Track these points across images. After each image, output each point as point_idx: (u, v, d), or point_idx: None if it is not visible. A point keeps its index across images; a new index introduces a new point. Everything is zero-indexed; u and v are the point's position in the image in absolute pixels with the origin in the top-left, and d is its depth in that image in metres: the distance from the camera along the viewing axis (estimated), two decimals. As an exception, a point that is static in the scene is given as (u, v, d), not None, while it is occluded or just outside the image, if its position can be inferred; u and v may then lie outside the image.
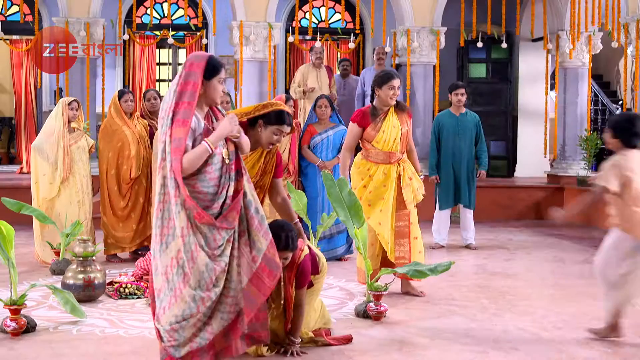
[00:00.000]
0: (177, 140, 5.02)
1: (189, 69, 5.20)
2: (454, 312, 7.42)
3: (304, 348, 6.03)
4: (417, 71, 14.96)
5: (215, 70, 5.26)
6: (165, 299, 5.17)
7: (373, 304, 7.04)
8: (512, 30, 17.12)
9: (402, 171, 7.94)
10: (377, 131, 7.86)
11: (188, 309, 5.10)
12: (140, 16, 17.93)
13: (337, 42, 18.28)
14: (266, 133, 5.93)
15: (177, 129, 5.03)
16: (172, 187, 5.05)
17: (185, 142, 5.03)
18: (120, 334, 6.53)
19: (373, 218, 7.84)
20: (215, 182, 5.18)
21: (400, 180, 7.92)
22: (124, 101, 9.81)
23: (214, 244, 5.12)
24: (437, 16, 15.02)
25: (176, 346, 5.17)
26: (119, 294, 7.73)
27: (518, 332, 6.78)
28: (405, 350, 6.19)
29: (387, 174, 7.90)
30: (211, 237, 5.12)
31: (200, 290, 5.09)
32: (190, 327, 5.13)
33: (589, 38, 15.57)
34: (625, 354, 6.17)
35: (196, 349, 5.18)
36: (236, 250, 5.27)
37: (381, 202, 7.87)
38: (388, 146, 7.89)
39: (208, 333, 5.19)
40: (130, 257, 9.85)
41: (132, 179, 9.65)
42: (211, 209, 5.14)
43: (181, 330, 5.13)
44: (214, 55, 5.41)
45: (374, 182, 7.90)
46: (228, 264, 5.21)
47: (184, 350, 5.17)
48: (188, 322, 5.11)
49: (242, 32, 14.39)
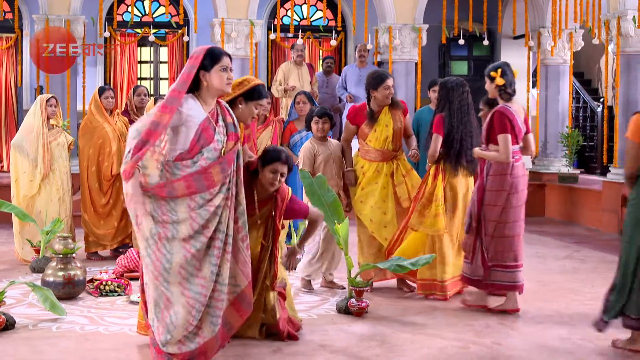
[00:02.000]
0: (155, 124, 5.00)
1: (189, 62, 5.25)
2: (435, 307, 7.42)
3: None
4: (399, 68, 14.93)
5: (214, 59, 5.28)
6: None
7: (354, 300, 7.04)
8: (494, 28, 17.14)
9: (396, 168, 7.96)
10: (370, 129, 7.91)
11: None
12: (121, 14, 17.82)
13: (318, 39, 18.25)
14: (247, 109, 5.97)
15: (159, 113, 5.03)
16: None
17: (163, 128, 5.02)
18: (100, 331, 6.50)
19: (364, 215, 7.88)
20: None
21: (394, 177, 7.93)
22: (105, 98, 9.76)
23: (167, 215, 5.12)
24: (419, 13, 15.01)
25: (163, 341, 5.15)
26: (100, 291, 7.70)
27: (500, 327, 6.79)
28: (386, 345, 6.19)
29: (380, 171, 7.94)
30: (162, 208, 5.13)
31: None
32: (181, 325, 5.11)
33: (570, 35, 15.60)
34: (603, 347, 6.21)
35: (186, 352, 5.17)
36: (229, 254, 5.28)
37: (372, 199, 7.90)
38: (380, 144, 7.92)
39: (198, 337, 5.19)
40: (111, 254, 9.78)
41: (113, 175, 9.59)
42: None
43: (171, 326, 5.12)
44: (216, 46, 5.43)
45: (366, 179, 7.95)
46: (219, 266, 5.20)
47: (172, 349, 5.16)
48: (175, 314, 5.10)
49: (224, 29, 14.34)
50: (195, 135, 5.15)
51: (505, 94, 7.20)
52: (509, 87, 7.20)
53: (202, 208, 5.12)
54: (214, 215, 5.19)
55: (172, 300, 5.11)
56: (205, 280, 5.15)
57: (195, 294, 5.12)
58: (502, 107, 7.17)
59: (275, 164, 6.11)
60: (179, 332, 5.11)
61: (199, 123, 5.17)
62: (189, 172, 5.12)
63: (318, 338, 6.35)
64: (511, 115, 7.11)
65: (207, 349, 5.24)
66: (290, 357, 5.88)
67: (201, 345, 5.21)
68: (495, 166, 7.16)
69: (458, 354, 6.00)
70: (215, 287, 5.22)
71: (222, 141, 5.28)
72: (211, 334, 5.22)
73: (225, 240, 5.24)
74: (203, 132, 5.17)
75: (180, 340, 5.15)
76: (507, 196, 7.13)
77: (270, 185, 6.13)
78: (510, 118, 7.10)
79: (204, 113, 5.23)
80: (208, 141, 5.20)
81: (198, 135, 5.16)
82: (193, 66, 5.21)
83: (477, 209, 7.19)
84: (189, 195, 5.11)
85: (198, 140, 5.16)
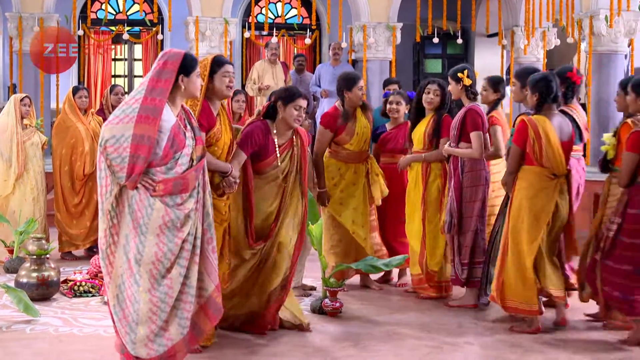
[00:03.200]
0: (141, 137, 4.97)
1: (162, 67, 5.17)
2: (409, 307, 7.46)
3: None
4: (373, 67, 14.99)
5: (193, 66, 5.29)
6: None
7: (329, 300, 7.06)
8: (468, 26, 17.20)
9: (370, 168, 8.01)
10: (352, 135, 7.90)
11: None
12: (95, 11, 17.78)
13: (293, 37, 18.27)
14: (219, 81, 5.99)
15: (144, 126, 4.98)
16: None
17: (151, 141, 4.98)
18: (74, 332, 6.48)
19: (346, 216, 7.90)
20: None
21: (369, 178, 7.98)
22: (79, 97, 9.71)
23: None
24: (393, 12, 15.06)
25: (129, 342, 5.14)
26: (74, 292, 7.68)
27: (473, 326, 6.84)
28: (360, 345, 6.21)
29: (357, 172, 7.96)
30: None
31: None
32: (145, 322, 5.10)
33: (543, 34, 15.70)
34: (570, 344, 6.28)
35: (155, 357, 5.14)
36: (198, 256, 5.27)
37: (353, 200, 7.92)
38: (359, 146, 7.94)
39: (165, 339, 5.15)
40: (85, 254, 9.74)
41: (85, 175, 9.55)
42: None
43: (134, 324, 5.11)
44: (188, 52, 5.42)
45: (345, 181, 7.95)
46: (187, 268, 5.20)
47: (141, 351, 5.14)
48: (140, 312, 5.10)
49: (198, 27, 14.33)
50: (168, 140, 5.10)
51: (471, 93, 7.43)
52: (474, 87, 7.43)
53: (171, 208, 5.13)
54: (187, 218, 5.18)
55: (136, 298, 5.09)
56: (172, 282, 5.11)
57: (161, 294, 5.09)
58: (474, 105, 7.38)
59: (298, 100, 6.39)
60: (142, 330, 5.09)
61: (170, 128, 5.13)
62: (165, 177, 5.09)
63: (292, 338, 6.36)
64: (482, 113, 7.35)
65: (175, 351, 5.20)
66: (265, 357, 5.89)
67: (170, 348, 5.15)
68: (470, 163, 7.29)
69: (431, 354, 6.04)
70: (183, 289, 5.18)
71: (192, 145, 5.27)
72: (179, 336, 5.17)
73: (194, 242, 5.23)
74: (175, 138, 5.13)
75: (147, 344, 5.11)
76: (483, 190, 7.33)
77: (295, 121, 6.38)
78: (482, 116, 7.32)
79: (174, 117, 5.20)
80: (180, 146, 5.17)
81: (171, 141, 5.12)
82: (171, 71, 5.17)
83: (456, 207, 7.29)
84: (162, 197, 5.11)
85: (171, 145, 5.12)
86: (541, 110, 6.64)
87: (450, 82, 7.49)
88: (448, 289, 7.78)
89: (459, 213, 7.32)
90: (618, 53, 13.77)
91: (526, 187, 6.59)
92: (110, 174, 5.04)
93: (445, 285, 7.75)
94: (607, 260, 6.33)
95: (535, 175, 6.57)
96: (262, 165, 6.37)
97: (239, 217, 6.33)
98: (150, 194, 5.06)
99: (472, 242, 7.36)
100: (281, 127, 6.44)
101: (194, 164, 5.25)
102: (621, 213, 6.29)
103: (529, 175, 6.60)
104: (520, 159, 6.63)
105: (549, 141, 6.50)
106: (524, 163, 6.63)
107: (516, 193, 6.64)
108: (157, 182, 5.07)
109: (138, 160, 4.96)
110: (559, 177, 6.58)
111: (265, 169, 6.38)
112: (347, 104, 7.89)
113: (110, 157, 4.99)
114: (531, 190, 6.56)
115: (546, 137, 6.50)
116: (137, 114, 5.00)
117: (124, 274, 5.11)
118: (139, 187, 5.05)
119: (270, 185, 6.41)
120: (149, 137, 4.97)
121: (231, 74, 5.97)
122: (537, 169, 6.56)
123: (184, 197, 5.18)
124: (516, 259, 6.58)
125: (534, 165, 6.57)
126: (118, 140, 4.98)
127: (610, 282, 6.31)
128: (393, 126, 8.37)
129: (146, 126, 4.98)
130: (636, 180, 6.24)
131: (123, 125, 4.99)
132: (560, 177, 6.58)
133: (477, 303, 7.41)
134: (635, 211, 6.23)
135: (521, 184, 6.62)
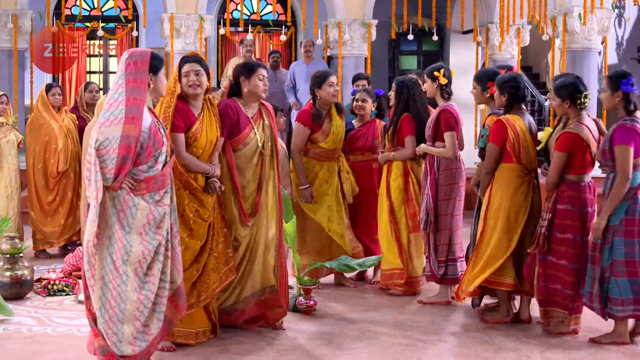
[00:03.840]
0: (128, 138, 5.03)
1: (134, 67, 5.22)
2: (383, 305, 7.48)
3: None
4: (349, 63, 14.98)
5: (159, 65, 5.39)
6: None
7: (303, 298, 7.08)
8: (443, 23, 17.22)
9: (342, 166, 8.04)
10: (327, 134, 7.91)
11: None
12: (69, 7, 17.69)
13: (269, 34, 18.25)
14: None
15: (130, 126, 5.05)
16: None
17: (136, 141, 5.05)
18: (48, 332, 6.47)
19: (321, 215, 7.92)
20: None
21: (340, 176, 8.01)
22: (52, 95, 9.69)
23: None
24: (369, 9, 15.07)
25: (116, 342, 5.15)
26: (48, 290, 7.65)
27: (446, 323, 6.87)
28: (334, 343, 6.24)
29: (330, 170, 7.99)
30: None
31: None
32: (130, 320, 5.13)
33: (517, 31, 15.75)
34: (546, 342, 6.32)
35: (138, 352, 5.19)
36: (170, 251, 5.33)
37: (327, 198, 7.94)
38: (334, 145, 7.96)
39: (147, 335, 5.21)
40: (60, 252, 9.71)
41: (59, 172, 9.52)
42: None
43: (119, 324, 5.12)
44: (153, 51, 5.46)
45: (319, 179, 7.97)
46: (164, 264, 5.25)
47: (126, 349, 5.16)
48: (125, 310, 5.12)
49: (173, 24, 14.27)
50: (150, 139, 5.19)
51: (446, 93, 7.48)
52: (450, 86, 7.48)
53: (153, 206, 5.19)
54: (165, 215, 5.27)
55: (123, 297, 5.11)
56: (154, 278, 5.21)
57: (147, 292, 5.17)
58: (447, 105, 7.46)
59: (259, 70, 6.48)
60: (128, 329, 5.11)
61: (149, 127, 5.20)
62: (146, 175, 5.18)
63: (266, 337, 6.38)
64: (456, 113, 7.43)
65: (152, 344, 5.29)
66: (238, 356, 5.90)
67: (150, 342, 5.24)
68: (445, 161, 7.37)
69: (405, 352, 6.07)
70: (160, 285, 5.26)
71: (166, 143, 5.37)
72: (157, 330, 5.27)
73: (167, 237, 5.31)
74: (154, 136, 5.23)
75: (131, 341, 5.15)
76: (458, 188, 7.42)
77: (263, 91, 6.51)
78: (456, 116, 7.41)
79: (149, 116, 5.27)
80: (160, 144, 5.27)
81: (152, 140, 5.21)
82: (144, 71, 5.22)
83: (432, 205, 7.34)
84: (143, 195, 5.15)
85: (153, 144, 5.22)
86: (511, 110, 6.76)
87: (426, 80, 7.52)
88: (416, 284, 7.81)
89: (434, 211, 7.37)
90: (592, 50, 13.86)
91: (506, 184, 6.70)
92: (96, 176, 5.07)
93: (414, 282, 7.79)
94: (549, 256, 6.44)
95: (513, 172, 6.70)
96: (241, 139, 6.40)
97: (230, 198, 6.36)
98: (134, 193, 5.10)
99: (448, 240, 7.41)
100: (248, 101, 6.51)
101: (168, 160, 5.37)
102: (551, 209, 6.42)
103: (507, 172, 6.71)
104: (498, 158, 6.72)
105: (525, 138, 6.67)
106: (501, 162, 6.73)
107: (495, 192, 6.74)
108: (139, 182, 5.14)
109: (126, 161, 5.04)
110: (531, 172, 6.75)
111: (244, 142, 6.41)
112: (319, 102, 7.90)
113: (101, 159, 5.03)
114: (511, 186, 6.69)
115: (523, 135, 6.66)
116: (124, 115, 5.08)
117: (108, 274, 5.12)
118: (122, 187, 5.09)
119: (251, 160, 6.45)
120: (135, 137, 5.06)
121: (192, 73, 6.01)
122: (515, 166, 6.69)
123: (161, 193, 5.29)
124: (492, 257, 6.71)
125: (512, 163, 6.69)
126: (110, 142, 5.03)
127: (553, 276, 6.42)
128: (360, 124, 8.39)
129: (132, 127, 5.06)
130: (564, 177, 6.39)
131: (114, 127, 5.06)
132: (532, 172, 6.76)
133: (450, 300, 7.46)
134: (564, 207, 6.38)
135: (501, 182, 6.72)
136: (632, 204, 6.12)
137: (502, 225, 6.69)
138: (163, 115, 5.84)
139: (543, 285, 6.45)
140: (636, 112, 6.19)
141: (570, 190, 6.38)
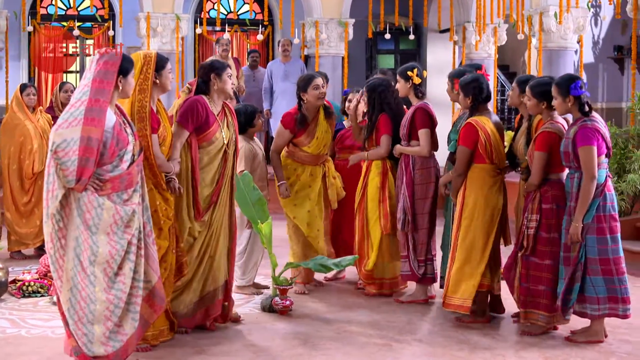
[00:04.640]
0: (89, 140, 5.00)
1: (104, 67, 5.21)
2: (359, 304, 7.48)
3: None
4: (326, 63, 14.98)
5: (130, 68, 5.40)
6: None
7: (279, 298, 7.07)
8: (420, 22, 17.28)
9: (327, 171, 8.02)
10: (311, 138, 7.86)
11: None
12: (45, 7, 17.59)
13: (246, 33, 18.22)
14: (165, 78, 6.09)
15: (90, 128, 5.01)
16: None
17: (98, 143, 5.03)
18: (22, 333, 6.43)
19: (301, 219, 7.88)
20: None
21: (325, 180, 7.98)
22: (26, 95, 9.63)
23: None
24: (346, 8, 15.09)
25: (87, 343, 5.12)
26: (22, 292, 7.60)
27: (422, 323, 6.88)
28: (309, 344, 6.23)
29: (313, 174, 7.94)
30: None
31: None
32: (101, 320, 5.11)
33: (494, 30, 15.82)
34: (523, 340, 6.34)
35: (112, 353, 5.17)
36: (143, 250, 5.32)
37: (308, 203, 7.90)
38: (318, 150, 7.90)
39: (120, 335, 5.19)
40: (35, 253, 9.65)
41: (34, 173, 9.47)
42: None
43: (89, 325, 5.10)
44: (125, 53, 5.45)
45: (300, 182, 7.92)
46: (136, 263, 5.25)
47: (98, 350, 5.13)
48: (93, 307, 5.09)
49: (150, 23, 14.23)
50: (113, 139, 5.17)
51: (420, 92, 7.53)
52: (423, 86, 7.56)
53: (120, 205, 5.18)
54: (134, 214, 5.24)
55: (92, 298, 5.09)
56: (125, 277, 5.19)
57: (117, 292, 5.15)
58: (423, 104, 7.48)
59: (228, 70, 6.53)
60: (99, 329, 5.10)
61: (113, 127, 5.19)
62: (111, 175, 5.15)
63: (242, 337, 6.37)
64: (431, 111, 7.48)
65: (128, 345, 5.27)
66: (214, 357, 5.89)
67: (125, 343, 5.22)
68: (420, 160, 7.38)
69: (380, 352, 6.07)
70: (134, 284, 5.26)
71: (133, 142, 5.35)
72: (132, 330, 5.26)
73: (139, 237, 5.30)
74: (119, 136, 5.22)
75: (103, 342, 5.13)
76: (434, 187, 7.45)
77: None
78: (431, 114, 7.46)
79: (114, 116, 5.26)
80: (124, 144, 5.26)
81: (116, 139, 5.19)
82: (113, 73, 5.21)
83: (409, 204, 7.35)
84: (109, 195, 5.13)
85: (117, 144, 5.20)
86: (477, 111, 6.80)
87: (399, 80, 7.52)
88: (391, 285, 7.80)
89: (412, 210, 7.37)
90: (568, 49, 13.96)
91: (480, 185, 6.74)
92: (57, 178, 5.04)
93: (388, 283, 7.78)
94: (532, 257, 6.44)
95: (486, 172, 6.75)
96: (208, 136, 6.41)
97: (186, 192, 6.33)
98: (98, 194, 5.07)
99: (427, 239, 7.42)
100: (214, 99, 6.53)
101: (135, 159, 5.35)
102: (537, 210, 6.41)
103: (480, 173, 6.75)
104: (469, 160, 6.76)
105: (495, 139, 6.72)
106: (473, 163, 6.76)
107: (469, 192, 6.77)
108: (104, 182, 5.11)
109: (87, 163, 5.01)
110: (502, 171, 6.85)
111: (211, 138, 6.42)
112: (306, 106, 7.81)
113: (60, 162, 5.00)
114: (485, 187, 6.74)
115: (493, 136, 6.71)
116: (83, 116, 5.04)
117: (76, 276, 5.10)
118: (87, 188, 5.06)
119: (215, 157, 6.47)
120: (97, 139, 5.03)
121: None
122: (487, 166, 6.75)
123: (129, 192, 5.28)
124: (469, 256, 6.75)
125: (484, 163, 6.73)
126: (68, 144, 5.00)
127: (536, 277, 6.42)
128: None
129: (93, 128, 5.03)
130: (547, 177, 6.41)
131: (72, 129, 5.03)
132: (502, 172, 6.85)
133: (427, 298, 7.47)
134: (549, 206, 6.39)
135: (474, 183, 6.76)
136: (602, 201, 6.16)
137: (478, 224, 6.73)
138: (138, 115, 5.80)
139: (525, 287, 6.45)
140: (592, 112, 6.22)
141: (554, 189, 6.38)
